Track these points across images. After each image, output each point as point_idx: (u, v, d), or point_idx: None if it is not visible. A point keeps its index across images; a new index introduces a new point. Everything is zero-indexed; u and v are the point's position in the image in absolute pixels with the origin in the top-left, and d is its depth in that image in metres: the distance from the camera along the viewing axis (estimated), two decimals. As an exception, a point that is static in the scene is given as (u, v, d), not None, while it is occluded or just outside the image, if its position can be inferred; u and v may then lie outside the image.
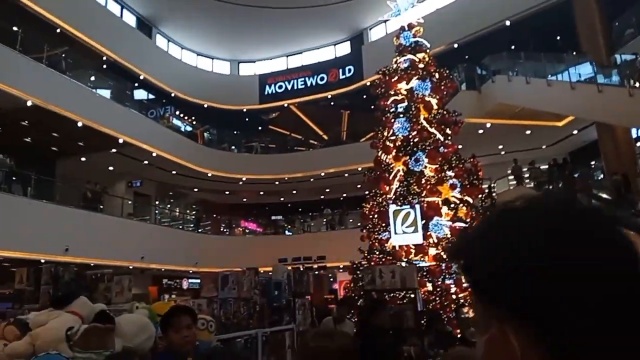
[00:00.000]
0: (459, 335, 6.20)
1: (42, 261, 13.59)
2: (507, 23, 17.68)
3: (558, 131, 17.48)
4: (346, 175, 21.99)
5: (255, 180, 22.81)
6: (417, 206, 10.07)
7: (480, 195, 11.02)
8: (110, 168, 19.12)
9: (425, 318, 6.03)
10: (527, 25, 17.26)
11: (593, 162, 17.08)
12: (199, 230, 21.44)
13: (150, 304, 4.27)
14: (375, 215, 11.17)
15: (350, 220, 21.96)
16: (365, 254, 10.86)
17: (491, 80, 16.82)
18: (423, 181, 10.54)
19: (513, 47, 17.37)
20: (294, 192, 25.64)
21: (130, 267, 15.68)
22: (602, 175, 14.70)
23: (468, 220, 10.37)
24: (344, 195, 26.15)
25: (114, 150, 17.37)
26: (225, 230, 24.06)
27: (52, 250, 13.06)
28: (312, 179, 22.81)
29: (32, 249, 12.58)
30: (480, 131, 16.89)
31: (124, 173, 19.80)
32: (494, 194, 11.78)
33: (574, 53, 15.77)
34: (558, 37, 18.13)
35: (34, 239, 12.44)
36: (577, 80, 14.06)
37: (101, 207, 17.40)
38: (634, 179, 13.84)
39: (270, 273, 4.90)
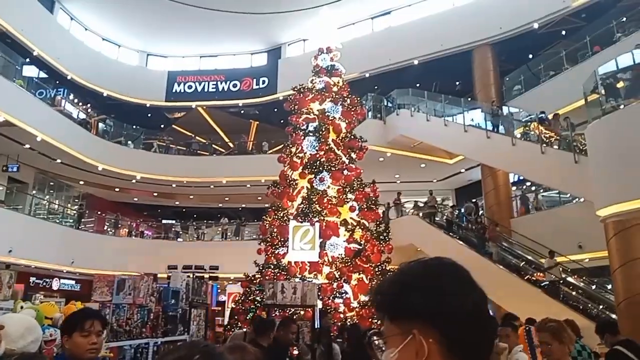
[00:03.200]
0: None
1: None
2: (416, 62, 18.96)
3: (448, 168, 19.00)
4: (248, 185, 21.74)
5: (150, 180, 21.60)
6: (317, 224, 10.24)
7: (375, 220, 11.53)
8: (-17, 147, 16.97)
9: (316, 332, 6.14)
10: (433, 67, 18.68)
11: (474, 200, 18.79)
12: (79, 227, 19.67)
13: (18, 303, 3.82)
14: (275, 229, 11.16)
15: (246, 232, 21.69)
16: (260, 268, 10.77)
17: (396, 113, 17.87)
18: (325, 200, 10.77)
19: (418, 85, 18.65)
20: (191, 197, 24.75)
21: (-6, 261, 13.92)
22: (481, 211, 16.31)
23: (362, 242, 10.77)
24: (243, 206, 25.81)
25: (-10, 128, 15.48)
26: (109, 230, 22.37)
27: None
28: (212, 186, 22.20)
29: None
30: (381, 159, 17.76)
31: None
32: (388, 220, 12.40)
33: (469, 99, 17.35)
34: (458, 82, 19.87)
35: None
36: (470, 125, 15.46)
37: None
38: (508, 217, 15.49)
39: (167, 280, 4.63)
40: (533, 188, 16.89)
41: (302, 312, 7.83)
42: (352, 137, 12.01)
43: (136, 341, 3.00)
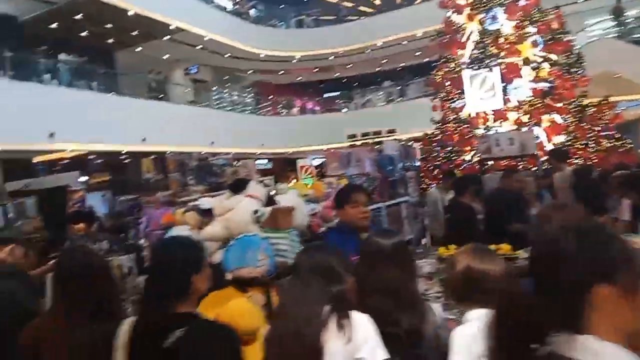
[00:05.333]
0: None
1: (123, 152, 14.42)
2: None
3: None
4: (404, 42, 20.75)
5: (309, 57, 22.06)
6: (496, 69, 9.41)
7: (564, 51, 10.09)
8: (166, 56, 19.02)
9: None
10: None
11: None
12: (259, 113, 21.60)
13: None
14: (448, 83, 10.62)
15: (410, 91, 21.26)
16: (439, 124, 10.57)
17: None
18: (501, 40, 9.70)
19: None
20: (349, 66, 24.73)
21: (203, 153, 16.31)
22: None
23: (551, 79, 9.65)
24: (402, 64, 24.97)
25: (167, 37, 17.10)
26: (281, 111, 24.04)
27: (130, 140, 13.68)
28: (368, 50, 21.75)
29: (112, 140, 13.22)
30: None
31: (179, 60, 19.68)
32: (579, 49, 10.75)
33: None
34: None
35: (113, 132, 12.97)
36: None
37: (162, 96, 17.72)
38: None
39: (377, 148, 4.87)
40: None
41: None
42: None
43: (371, 207, 3.27)
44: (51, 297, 2.09)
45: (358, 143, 16.29)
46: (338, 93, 25.57)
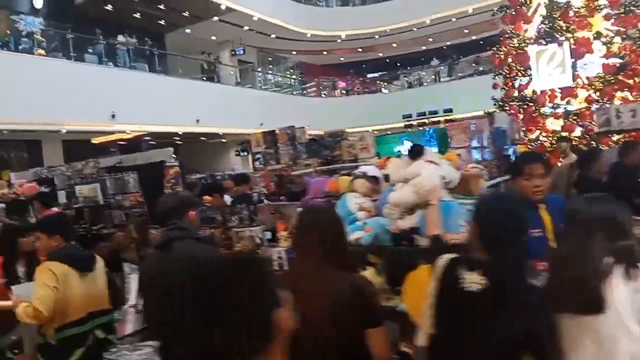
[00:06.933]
0: None
1: (180, 133, 14.71)
2: None
3: None
4: (453, 20, 20.18)
5: (354, 36, 21.76)
6: (565, 44, 9.00)
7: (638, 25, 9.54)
8: (213, 38, 19.19)
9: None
10: None
11: None
12: (305, 94, 21.59)
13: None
14: (511, 59, 10.26)
15: (458, 69, 20.75)
16: (500, 102, 10.26)
17: None
18: (571, 14, 9.25)
19: None
20: (394, 45, 24.30)
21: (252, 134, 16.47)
22: None
23: (624, 54, 9.16)
24: (448, 43, 24.35)
25: (215, 18, 17.22)
26: (325, 91, 23.91)
27: (184, 121, 13.93)
28: (415, 29, 21.27)
29: (168, 122, 13.50)
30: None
31: (226, 42, 19.80)
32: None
33: None
34: None
35: (168, 113, 13.23)
36: None
37: (212, 77, 17.92)
38: None
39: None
40: None
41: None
42: None
43: (493, 181, 3.20)
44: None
45: (414, 123, 16.09)
46: (382, 73, 25.23)
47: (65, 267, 2.88)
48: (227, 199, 4.96)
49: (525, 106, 9.50)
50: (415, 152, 2.73)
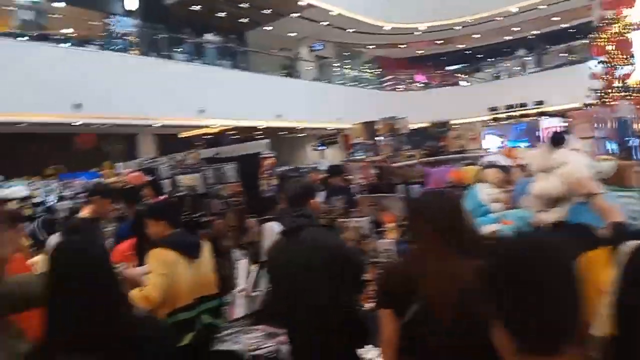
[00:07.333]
0: None
1: (261, 127, 15.14)
2: None
3: None
4: (542, 6, 18.95)
5: (434, 28, 21.12)
6: (677, 28, 8.19)
7: None
8: (292, 34, 19.50)
9: None
10: None
11: None
12: (382, 88, 21.37)
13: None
14: (611, 47, 9.50)
15: (544, 60, 19.51)
16: (600, 94, 9.53)
17: None
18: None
19: None
20: (475, 36, 23.28)
21: (329, 129, 16.63)
22: None
23: None
24: (533, 32, 22.94)
25: (295, 14, 17.49)
26: (403, 85, 23.43)
27: (265, 116, 14.33)
28: (499, 18, 20.23)
29: (251, 117, 13.95)
30: None
31: (304, 38, 20.06)
32: None
33: None
34: None
35: (252, 108, 13.68)
36: None
37: (292, 73, 18.27)
38: None
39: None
40: None
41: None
42: None
43: None
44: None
45: (502, 115, 15.41)
46: (462, 65, 24.34)
47: (174, 254, 2.93)
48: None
49: (629, 97, 8.77)
50: (557, 141, 2.58)
